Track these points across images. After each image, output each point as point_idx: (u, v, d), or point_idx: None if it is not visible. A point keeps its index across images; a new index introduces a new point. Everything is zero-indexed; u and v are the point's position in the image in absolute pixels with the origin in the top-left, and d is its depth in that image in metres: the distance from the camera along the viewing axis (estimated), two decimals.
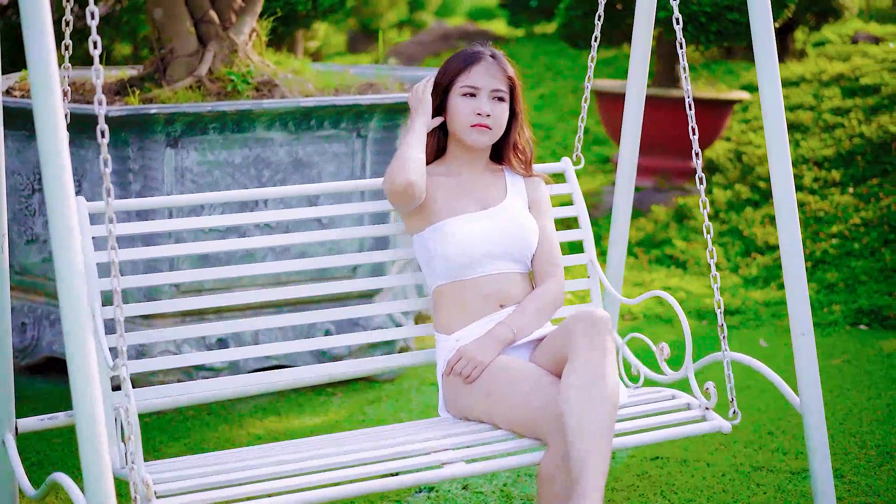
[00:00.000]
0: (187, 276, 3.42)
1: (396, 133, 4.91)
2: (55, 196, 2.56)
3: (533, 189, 3.57)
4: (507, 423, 3.19)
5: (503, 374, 3.22)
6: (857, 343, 5.41)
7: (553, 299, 3.44)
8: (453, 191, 3.46)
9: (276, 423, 4.62)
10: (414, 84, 5.45)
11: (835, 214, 6.72)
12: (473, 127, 3.42)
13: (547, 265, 3.49)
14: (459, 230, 3.37)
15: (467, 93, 3.42)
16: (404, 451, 3.09)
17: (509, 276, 3.42)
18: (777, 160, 3.46)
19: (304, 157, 4.78)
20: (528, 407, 3.13)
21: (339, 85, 5.21)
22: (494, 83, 3.41)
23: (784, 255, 3.47)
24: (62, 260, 2.57)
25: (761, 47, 3.39)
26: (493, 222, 3.42)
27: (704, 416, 3.39)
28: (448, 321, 3.40)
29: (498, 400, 3.19)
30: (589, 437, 2.93)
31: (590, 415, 2.95)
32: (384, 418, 4.67)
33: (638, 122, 3.98)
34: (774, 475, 4.04)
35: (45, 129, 2.54)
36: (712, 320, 5.76)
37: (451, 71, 3.48)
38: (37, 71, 2.53)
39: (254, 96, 4.94)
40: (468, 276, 3.38)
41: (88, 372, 2.60)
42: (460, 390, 3.32)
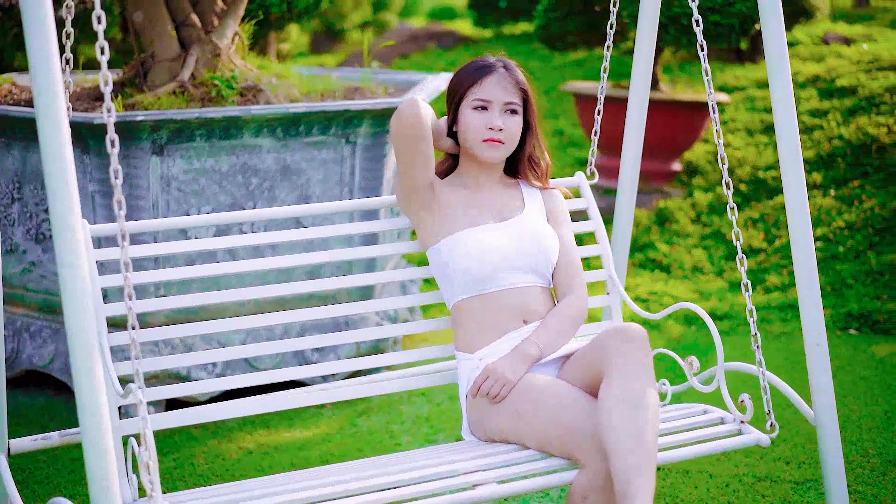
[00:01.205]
0: (174, 301, 3.26)
1: (386, 139, 4.82)
2: (61, 219, 2.46)
3: (550, 201, 3.48)
4: (538, 442, 3.08)
5: (533, 393, 3.10)
6: (849, 349, 5.37)
7: (578, 314, 3.34)
8: (470, 202, 3.36)
9: (267, 437, 4.51)
10: (398, 88, 5.38)
11: (818, 217, 6.68)
12: (485, 142, 3.31)
13: (569, 279, 3.39)
14: (478, 241, 3.27)
15: (479, 106, 3.31)
16: (435, 474, 2.96)
17: (531, 289, 3.32)
18: (789, 167, 3.38)
19: (292, 165, 4.67)
20: (561, 426, 3.02)
21: (324, 90, 5.11)
22: (507, 96, 3.30)
23: (797, 264, 3.39)
24: (70, 284, 2.47)
25: (772, 50, 3.32)
26: (513, 234, 3.32)
27: (741, 430, 3.29)
28: (470, 339, 3.29)
29: (529, 419, 3.08)
30: (634, 456, 2.83)
31: (634, 433, 2.85)
32: (376, 430, 4.57)
33: (640, 128, 3.90)
34: (779, 485, 3.98)
35: (50, 142, 2.43)
36: (702, 325, 5.70)
37: (462, 84, 3.36)
38: (40, 76, 2.42)
39: (239, 102, 4.83)
40: (489, 290, 3.27)
41: (98, 406, 2.49)
42: (487, 411, 3.19)
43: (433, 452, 3.25)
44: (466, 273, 3.26)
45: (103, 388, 2.52)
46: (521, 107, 3.33)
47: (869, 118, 7.55)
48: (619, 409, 2.89)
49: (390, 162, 4.89)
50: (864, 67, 8.43)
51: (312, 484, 2.89)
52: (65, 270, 2.46)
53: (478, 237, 3.27)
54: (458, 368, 3.33)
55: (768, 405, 3.31)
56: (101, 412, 2.49)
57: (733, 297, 6.08)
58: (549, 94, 9.59)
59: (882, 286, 5.99)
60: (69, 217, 2.46)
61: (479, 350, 3.26)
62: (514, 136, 3.34)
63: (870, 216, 6.56)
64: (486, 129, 3.29)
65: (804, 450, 4.24)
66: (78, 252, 2.45)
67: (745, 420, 3.29)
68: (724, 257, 6.61)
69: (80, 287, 2.46)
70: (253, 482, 3.09)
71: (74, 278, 2.47)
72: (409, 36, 13.11)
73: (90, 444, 2.48)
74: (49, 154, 2.42)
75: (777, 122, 3.39)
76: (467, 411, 3.28)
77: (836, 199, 6.89)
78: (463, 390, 3.30)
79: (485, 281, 3.27)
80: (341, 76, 5.62)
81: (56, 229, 2.46)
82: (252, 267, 3.31)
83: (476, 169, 3.39)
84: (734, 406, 3.31)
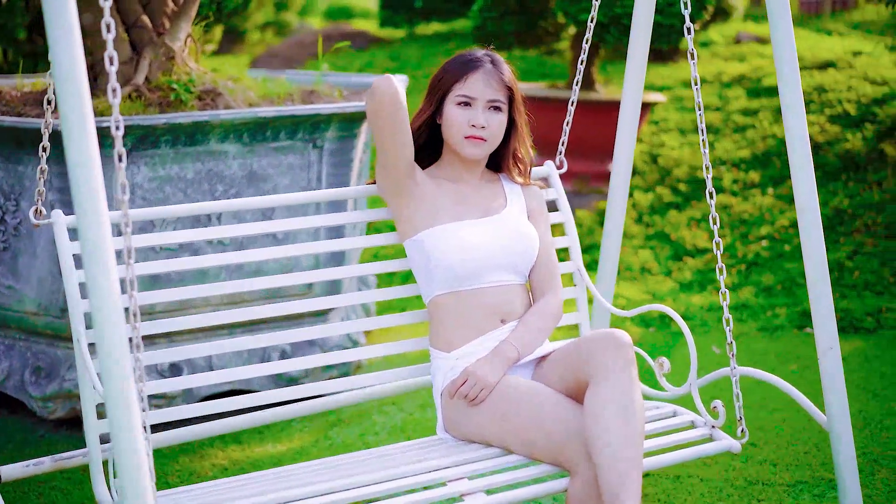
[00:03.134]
0: (143, 297, 3.14)
1: (353, 143, 4.70)
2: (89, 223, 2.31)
3: (531, 198, 3.46)
4: (525, 448, 3.06)
5: (516, 397, 3.08)
6: (808, 348, 5.38)
7: (555, 314, 3.34)
8: (453, 195, 3.32)
9: (240, 453, 4.36)
10: (352, 90, 5.25)
11: (761, 216, 6.72)
12: (467, 139, 3.28)
13: (547, 278, 3.38)
14: (463, 236, 3.23)
15: (462, 102, 3.27)
16: (420, 482, 2.97)
17: (510, 288, 3.30)
18: (799, 167, 3.34)
19: (258, 171, 4.53)
20: (548, 433, 3.00)
21: (281, 93, 4.97)
22: (490, 93, 3.26)
23: (808, 269, 3.37)
24: (97, 288, 2.31)
25: (779, 43, 3.27)
26: (496, 230, 3.29)
27: (712, 436, 3.29)
28: (447, 337, 3.25)
29: (514, 424, 3.05)
30: (623, 466, 2.83)
31: (623, 443, 2.85)
32: (351, 441, 4.45)
33: (633, 132, 3.86)
34: (772, 489, 3.95)
35: (77, 146, 2.29)
36: (660, 327, 5.69)
37: (448, 78, 3.33)
38: (65, 83, 2.28)
39: (198, 106, 4.66)
40: (468, 287, 3.24)
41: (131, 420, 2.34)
42: (466, 411, 3.17)
43: (411, 451, 3.22)
44: (449, 269, 3.22)
45: (137, 406, 2.36)
46: (505, 104, 3.29)
47: None
48: (609, 416, 2.89)
49: (357, 167, 4.77)
50: None
51: (286, 485, 2.94)
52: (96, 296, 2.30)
53: (462, 232, 3.24)
54: (433, 365, 3.30)
55: (740, 411, 3.29)
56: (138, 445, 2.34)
57: (686, 297, 6.08)
58: None
59: (832, 284, 6.03)
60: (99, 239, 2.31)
61: (455, 349, 3.24)
62: (497, 134, 3.30)
63: None
64: (468, 126, 3.26)
65: (788, 452, 4.23)
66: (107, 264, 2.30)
67: (718, 426, 3.27)
68: (671, 258, 6.61)
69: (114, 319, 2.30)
70: (228, 482, 3.10)
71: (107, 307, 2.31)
72: (318, 37, 12.89)
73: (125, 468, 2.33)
74: (78, 173, 2.28)
75: (788, 135, 3.34)
76: (442, 409, 3.26)
77: (776, 197, 6.94)
78: (438, 388, 3.27)
79: (467, 277, 3.23)
80: (291, 79, 5.47)
81: (86, 251, 2.31)
82: (221, 290, 3.27)
83: (458, 163, 3.36)
84: (706, 411, 3.30)
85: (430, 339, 3.32)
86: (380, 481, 2.96)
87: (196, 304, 4.42)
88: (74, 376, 4.38)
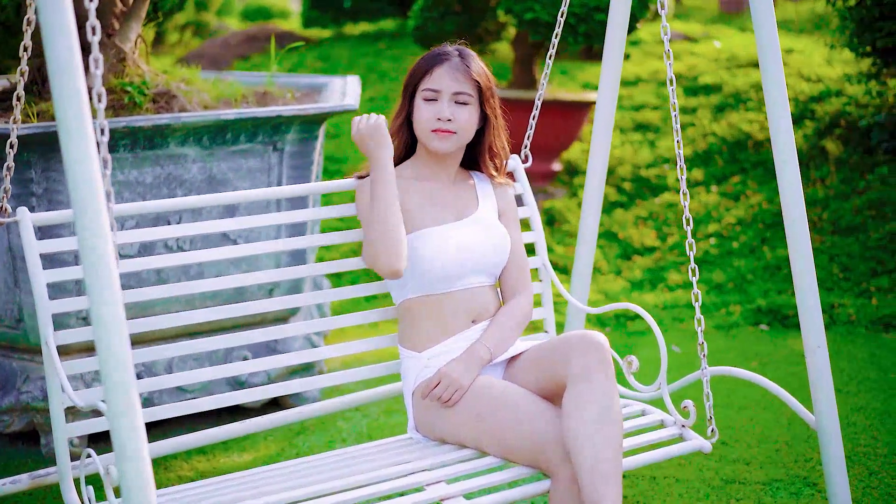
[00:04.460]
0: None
1: (313, 145, 4.61)
2: (92, 249, 2.21)
3: (503, 198, 3.43)
4: (502, 450, 3.03)
5: (491, 398, 3.05)
6: (766, 345, 5.41)
7: (525, 314, 3.33)
8: (427, 197, 3.28)
9: (206, 464, 4.25)
10: (303, 91, 5.16)
11: (708, 214, 6.75)
12: (434, 132, 3.23)
13: (518, 277, 3.36)
14: (438, 241, 3.19)
15: (428, 97, 3.24)
16: (396, 487, 2.92)
17: (482, 289, 3.28)
18: (784, 170, 3.32)
19: (218, 175, 4.42)
20: (525, 435, 2.97)
21: (234, 95, 4.86)
22: (456, 86, 3.22)
23: (795, 268, 3.34)
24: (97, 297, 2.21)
25: (764, 46, 3.25)
26: (471, 233, 3.26)
27: (682, 435, 3.27)
28: (418, 337, 3.22)
29: (490, 426, 3.02)
30: (605, 467, 2.81)
31: (604, 445, 2.84)
32: (318, 449, 4.37)
33: (608, 131, 3.82)
34: (749, 488, 3.95)
35: (75, 148, 2.19)
36: (615, 327, 5.68)
37: (416, 74, 3.31)
38: (62, 82, 2.19)
39: (152, 109, 4.54)
40: (441, 290, 3.21)
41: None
42: (440, 412, 3.14)
43: (385, 454, 3.17)
44: (424, 275, 3.19)
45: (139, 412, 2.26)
46: (474, 97, 3.24)
47: (739, 115, 7.68)
48: (589, 418, 2.87)
49: (315, 169, 4.68)
50: (723, 65, 8.59)
51: (253, 492, 2.89)
52: (98, 305, 2.21)
53: (438, 238, 3.20)
54: (403, 365, 3.27)
55: (710, 410, 3.28)
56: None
57: (639, 296, 6.08)
58: None
59: (781, 280, 6.07)
60: (99, 245, 2.22)
61: (427, 349, 3.21)
62: (466, 127, 3.25)
63: (758, 211, 6.65)
64: (434, 120, 3.22)
65: (760, 450, 4.23)
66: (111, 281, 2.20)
67: (688, 425, 3.26)
68: (620, 256, 6.61)
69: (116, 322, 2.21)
70: (210, 483, 3.05)
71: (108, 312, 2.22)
72: (244, 37, 12.75)
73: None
74: (77, 178, 2.18)
75: (775, 145, 3.31)
76: (414, 409, 3.23)
77: (720, 195, 6.97)
78: (409, 388, 3.24)
79: (440, 282, 3.20)
80: (240, 80, 5.36)
81: (86, 259, 2.21)
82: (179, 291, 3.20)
83: (431, 160, 3.32)
84: (676, 411, 3.29)
85: (400, 339, 3.29)
86: (356, 486, 2.92)
87: (156, 310, 4.30)
88: (31, 388, 4.24)
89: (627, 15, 3.70)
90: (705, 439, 3.25)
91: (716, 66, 8.61)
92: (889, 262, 6.00)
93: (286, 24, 16.07)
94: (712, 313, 5.78)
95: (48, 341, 2.93)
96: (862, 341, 5.39)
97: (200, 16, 16.97)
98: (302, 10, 13.17)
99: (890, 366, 5.09)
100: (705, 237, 6.60)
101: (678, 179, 7.23)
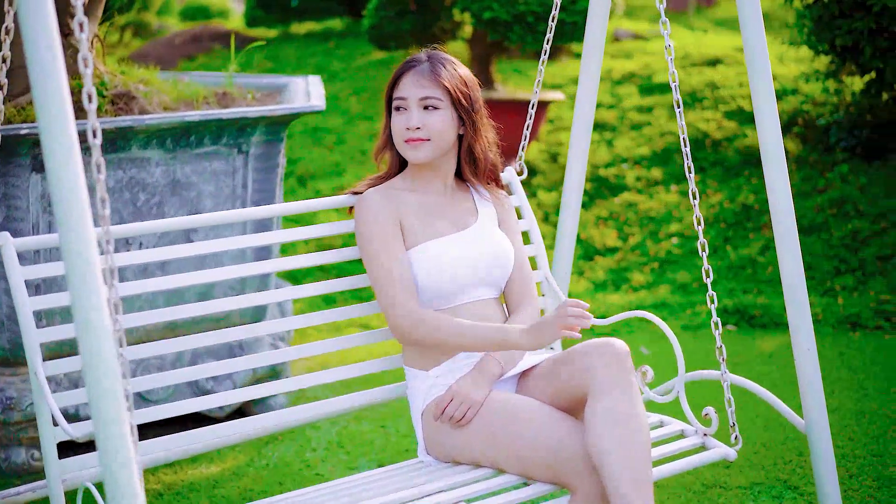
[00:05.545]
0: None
1: (279, 147, 4.49)
2: (77, 255, 2.09)
3: (501, 207, 3.31)
4: (520, 467, 2.90)
5: (506, 413, 2.92)
6: (735, 345, 5.37)
7: None
8: (424, 209, 3.15)
9: (173, 476, 4.13)
10: (263, 92, 5.04)
11: (669, 213, 6.71)
12: (406, 143, 3.11)
13: (522, 288, 3.25)
14: (439, 254, 3.07)
15: (398, 106, 3.13)
16: None
17: (487, 303, 3.15)
18: (772, 169, 3.25)
19: (181, 178, 4.29)
20: (545, 449, 2.84)
21: (193, 96, 4.73)
22: (421, 91, 3.09)
23: (784, 270, 3.28)
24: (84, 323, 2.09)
25: (751, 44, 3.19)
26: (473, 245, 3.13)
27: (705, 444, 3.19)
28: (424, 355, 3.09)
29: (506, 442, 2.90)
30: (633, 477, 2.70)
31: (630, 454, 2.72)
32: (289, 460, 4.26)
33: (587, 135, 3.74)
34: (730, 492, 3.90)
35: (59, 151, 2.08)
36: (586, 333, 5.61)
37: (389, 85, 3.20)
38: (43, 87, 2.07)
39: (112, 110, 4.40)
40: (445, 306, 3.09)
41: None
42: (451, 431, 3.01)
43: (397, 478, 3.03)
44: (427, 290, 3.06)
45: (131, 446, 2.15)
46: (443, 101, 3.09)
47: (695, 113, 7.65)
48: (613, 429, 2.75)
49: (280, 172, 4.57)
50: (677, 63, 8.56)
51: None
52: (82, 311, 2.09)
53: (438, 251, 3.08)
54: (410, 386, 3.14)
55: (732, 417, 3.21)
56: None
57: (603, 297, 6.02)
58: (359, 95, 9.33)
59: (746, 280, 6.04)
60: (85, 251, 2.10)
61: (434, 367, 3.09)
62: (440, 132, 3.10)
63: (719, 211, 6.62)
64: (405, 130, 3.10)
65: (740, 454, 4.17)
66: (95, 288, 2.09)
67: (710, 433, 3.18)
68: (581, 257, 6.55)
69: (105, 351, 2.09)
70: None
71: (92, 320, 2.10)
72: (189, 37, 12.57)
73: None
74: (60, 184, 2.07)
75: (763, 146, 3.24)
76: (424, 431, 3.10)
77: (680, 194, 6.94)
78: (418, 409, 3.11)
79: (445, 296, 3.08)
80: (198, 81, 5.23)
81: (70, 266, 2.10)
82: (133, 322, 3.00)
83: (424, 171, 3.20)
84: (695, 418, 3.21)
85: (405, 359, 3.15)
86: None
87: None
88: None
89: (608, 10, 3.62)
90: (729, 447, 3.17)
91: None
92: (852, 261, 5.99)
93: (228, 23, 15.88)
94: (678, 314, 5.74)
95: (37, 372, 2.78)
96: (830, 341, 5.36)
97: (141, 15, 16.72)
98: (245, 9, 13.00)
99: (860, 365, 5.07)
100: (667, 237, 6.56)
101: (638, 178, 7.19)
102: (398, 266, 3.03)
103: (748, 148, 7.13)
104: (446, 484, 2.90)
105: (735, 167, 7.01)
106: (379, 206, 3.09)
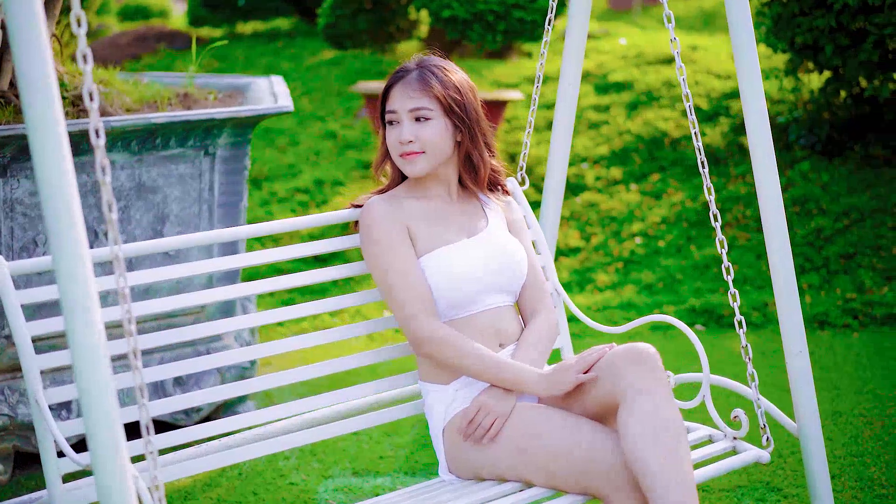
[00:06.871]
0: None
1: (245, 149, 4.39)
2: (67, 264, 1.99)
3: (510, 212, 3.20)
4: (549, 479, 2.79)
5: (533, 424, 2.82)
6: (707, 345, 5.31)
7: (552, 333, 3.09)
8: (432, 217, 3.03)
9: None
10: (225, 92, 4.93)
11: (631, 213, 6.67)
12: (401, 157, 3.00)
13: (536, 294, 3.13)
14: (452, 262, 2.95)
15: (390, 119, 3.02)
16: None
17: (502, 310, 3.04)
18: (763, 174, 3.19)
19: (147, 182, 4.17)
20: (577, 460, 2.74)
21: (155, 96, 4.61)
22: (410, 103, 2.97)
23: (774, 272, 3.21)
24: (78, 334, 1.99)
25: (739, 43, 3.13)
26: (485, 251, 3.02)
27: (735, 448, 3.12)
28: (442, 369, 2.96)
29: (535, 454, 2.79)
30: (681, 488, 2.60)
31: (672, 464, 2.62)
32: (261, 468, 4.16)
33: (567, 138, 3.66)
34: (714, 496, 3.86)
35: (49, 153, 1.97)
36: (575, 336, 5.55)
37: (381, 98, 3.09)
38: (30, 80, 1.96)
39: (72, 112, 4.27)
40: (461, 315, 2.97)
41: None
42: (476, 447, 2.89)
43: (420, 496, 2.91)
44: (444, 298, 2.94)
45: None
46: (434, 110, 2.97)
47: (653, 112, 7.63)
48: (651, 438, 2.65)
49: (246, 175, 4.47)
50: (632, 62, 8.54)
51: None
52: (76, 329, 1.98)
53: (450, 258, 2.96)
54: (428, 400, 3.01)
55: (762, 419, 3.15)
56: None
57: (573, 298, 5.96)
58: (312, 94, 9.22)
59: (711, 280, 6.02)
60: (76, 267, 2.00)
61: (454, 380, 2.96)
62: (434, 143, 2.98)
63: (682, 210, 6.60)
64: (398, 145, 2.99)
65: None
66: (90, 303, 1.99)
67: (740, 437, 3.12)
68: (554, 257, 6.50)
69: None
70: None
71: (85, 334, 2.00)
72: (133, 37, 12.37)
73: None
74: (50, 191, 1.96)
75: (751, 140, 3.18)
76: (446, 448, 2.97)
77: (641, 193, 6.90)
78: (438, 425, 2.98)
79: (461, 305, 2.97)
80: (156, 81, 5.11)
81: (62, 278, 1.99)
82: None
83: (428, 181, 3.08)
84: (723, 422, 3.14)
85: (421, 374, 3.03)
86: None
87: None
88: None
89: (589, 7, 3.55)
90: (761, 449, 3.11)
91: (624, 63, 8.56)
92: (817, 259, 5.98)
93: (170, 22, 15.67)
94: (645, 314, 5.69)
95: (39, 400, 2.64)
96: None
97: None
98: (188, 8, 12.82)
99: (831, 364, 5.06)
100: (630, 237, 6.52)
101: (598, 178, 7.15)
102: (414, 273, 2.92)
103: (708, 146, 7.11)
104: (473, 501, 2.79)
105: (695, 166, 6.99)
106: (386, 212, 2.97)
